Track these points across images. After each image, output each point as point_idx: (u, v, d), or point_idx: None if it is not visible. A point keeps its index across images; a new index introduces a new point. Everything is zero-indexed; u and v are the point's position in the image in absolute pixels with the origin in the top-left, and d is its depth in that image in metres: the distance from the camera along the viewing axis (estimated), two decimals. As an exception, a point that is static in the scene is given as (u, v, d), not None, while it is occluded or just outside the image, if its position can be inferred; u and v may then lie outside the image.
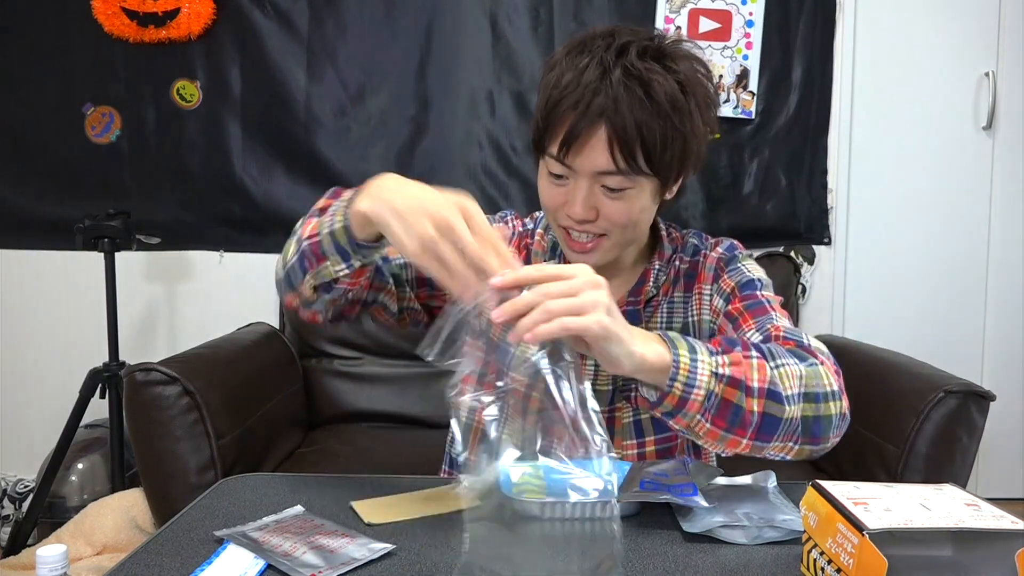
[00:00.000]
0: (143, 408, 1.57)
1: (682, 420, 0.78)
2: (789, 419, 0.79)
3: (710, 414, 0.77)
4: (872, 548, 0.53)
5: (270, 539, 0.69)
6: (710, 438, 0.79)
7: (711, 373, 0.77)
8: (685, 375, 0.76)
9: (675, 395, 0.76)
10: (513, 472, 0.76)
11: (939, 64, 2.45)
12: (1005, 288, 2.51)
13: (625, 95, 0.89)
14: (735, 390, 0.77)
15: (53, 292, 2.41)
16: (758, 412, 0.78)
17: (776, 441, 0.80)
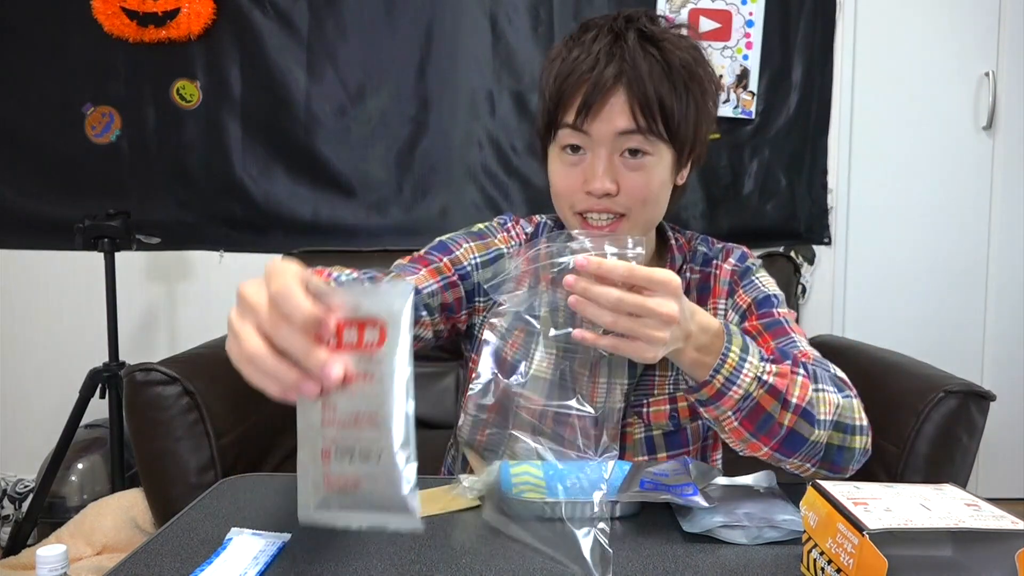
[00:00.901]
0: (143, 408, 1.57)
1: (713, 411, 0.79)
2: (815, 441, 0.81)
3: (741, 414, 0.78)
4: (872, 548, 0.53)
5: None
6: (734, 436, 0.81)
7: (755, 377, 0.78)
8: (729, 371, 0.77)
9: (714, 387, 0.77)
10: (513, 471, 0.76)
11: (939, 64, 2.45)
12: (1005, 288, 2.51)
13: (643, 58, 0.88)
14: (773, 399, 0.78)
15: (53, 292, 2.41)
16: (787, 426, 0.79)
17: (796, 458, 0.82)
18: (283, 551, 0.69)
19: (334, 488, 0.51)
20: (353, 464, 0.50)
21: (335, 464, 0.51)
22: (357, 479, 0.50)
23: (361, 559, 0.67)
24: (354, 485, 0.50)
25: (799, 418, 0.79)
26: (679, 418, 1.01)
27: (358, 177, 2.39)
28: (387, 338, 0.51)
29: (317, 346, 0.51)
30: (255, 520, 0.76)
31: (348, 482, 0.50)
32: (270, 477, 0.92)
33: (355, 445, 0.50)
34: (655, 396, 1.01)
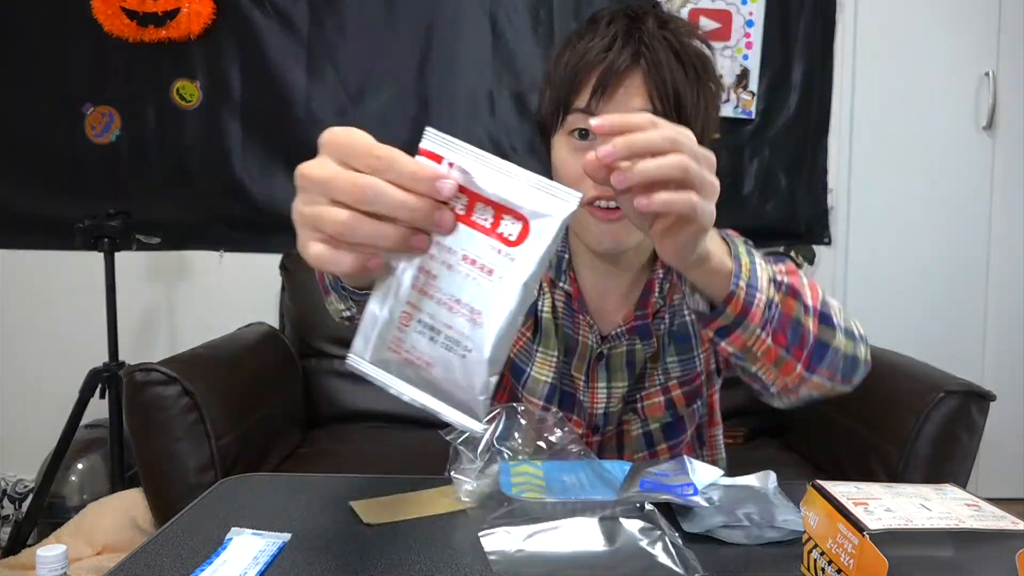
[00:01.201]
0: (143, 408, 1.57)
1: (740, 336, 0.68)
2: (836, 347, 0.74)
3: (771, 327, 0.69)
4: (872, 548, 0.53)
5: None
6: (768, 359, 0.70)
7: (770, 279, 0.69)
8: (747, 275, 0.67)
9: (739, 299, 0.67)
10: (513, 472, 0.76)
11: (939, 64, 2.45)
12: (1005, 288, 2.51)
13: (660, 43, 0.85)
14: (794, 301, 0.70)
15: (53, 292, 2.41)
16: (814, 333, 0.71)
17: (823, 371, 0.74)
18: (283, 551, 0.69)
19: (400, 355, 0.47)
20: (433, 346, 0.46)
21: (413, 335, 0.46)
22: (431, 361, 0.46)
23: (361, 559, 0.67)
24: (425, 365, 0.46)
25: (820, 323, 0.72)
26: (676, 407, 1.00)
27: (358, 177, 2.39)
28: (528, 240, 0.45)
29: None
30: (255, 520, 0.76)
31: (420, 359, 0.46)
32: (270, 477, 0.92)
33: (444, 330, 0.46)
34: (648, 390, 1.00)
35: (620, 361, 0.99)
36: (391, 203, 0.46)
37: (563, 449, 0.80)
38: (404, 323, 0.46)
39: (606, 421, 1.01)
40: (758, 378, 0.74)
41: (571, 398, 1.01)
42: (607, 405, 1.00)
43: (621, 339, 0.98)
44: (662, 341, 0.99)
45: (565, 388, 1.01)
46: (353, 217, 0.47)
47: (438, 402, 0.47)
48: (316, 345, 2.21)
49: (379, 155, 0.47)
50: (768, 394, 0.77)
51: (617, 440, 1.03)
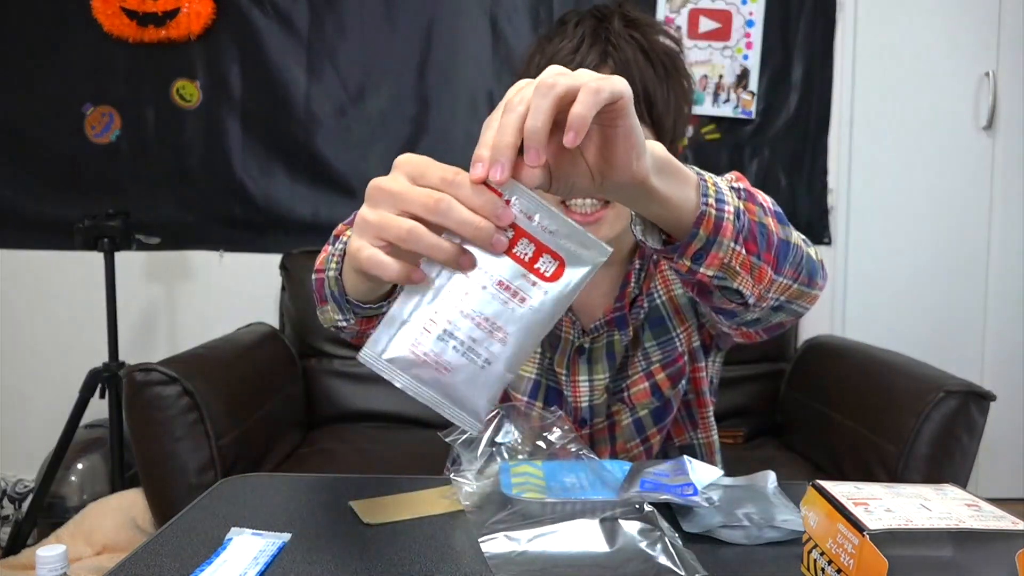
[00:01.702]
0: (143, 408, 1.57)
1: (716, 255, 0.65)
2: (795, 245, 0.72)
3: (742, 236, 0.65)
4: (872, 548, 0.53)
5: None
6: (744, 271, 0.67)
7: (730, 188, 0.67)
8: (713, 189, 0.64)
9: (710, 216, 0.63)
10: (513, 472, 0.76)
11: (939, 64, 2.45)
12: (1005, 288, 2.51)
13: (627, 43, 0.86)
14: (754, 205, 0.68)
15: (53, 292, 2.41)
16: (775, 233, 0.69)
17: (786, 272, 0.71)
18: (283, 551, 0.69)
19: (418, 356, 0.51)
20: (455, 354, 0.50)
21: (436, 341, 0.51)
22: (451, 367, 0.51)
23: (361, 559, 0.67)
24: (444, 368, 0.51)
25: (776, 221, 0.69)
26: (662, 391, 1.01)
27: (358, 177, 2.39)
28: (561, 278, 0.51)
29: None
30: (255, 520, 0.76)
31: (439, 363, 0.51)
32: (270, 477, 0.92)
33: (467, 341, 0.50)
34: (631, 378, 1.01)
35: (601, 353, 1.01)
36: (459, 218, 0.50)
37: (563, 449, 0.80)
38: (428, 329, 0.51)
39: (592, 414, 1.03)
40: (737, 292, 0.70)
41: (557, 393, 1.02)
42: (590, 398, 1.02)
43: (601, 332, 1.00)
44: (640, 328, 1.01)
45: (550, 384, 1.02)
46: (418, 227, 0.51)
47: (447, 404, 0.51)
48: (316, 345, 2.22)
49: (454, 175, 0.52)
50: (743, 310, 0.73)
51: (609, 431, 1.03)
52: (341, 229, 0.84)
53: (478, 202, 0.50)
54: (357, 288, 0.71)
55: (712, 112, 2.39)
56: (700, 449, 1.08)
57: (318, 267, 0.82)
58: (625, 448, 1.03)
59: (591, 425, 1.03)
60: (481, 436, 0.77)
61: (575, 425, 1.02)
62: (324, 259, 0.81)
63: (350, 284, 0.72)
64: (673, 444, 1.06)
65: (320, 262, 0.81)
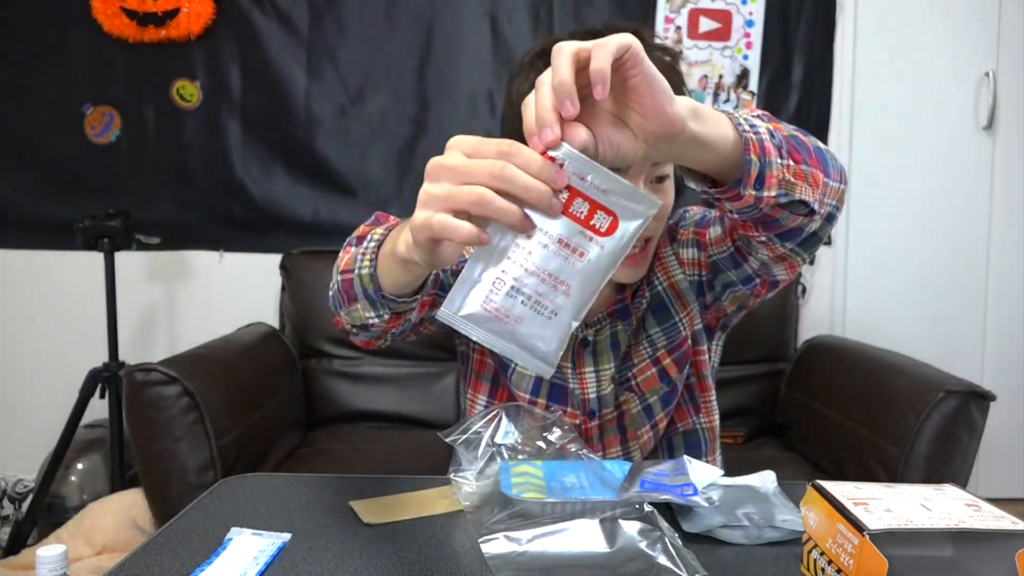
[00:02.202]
0: (143, 408, 1.57)
1: (773, 174, 0.68)
2: (826, 150, 0.76)
3: (784, 150, 0.70)
4: (872, 548, 0.53)
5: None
6: (800, 179, 0.71)
7: (754, 116, 0.71)
8: (744, 119, 0.68)
9: (753, 140, 0.67)
10: (513, 472, 0.76)
11: (939, 64, 2.45)
12: (1005, 288, 2.51)
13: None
14: (778, 124, 0.72)
15: (53, 292, 2.41)
16: (807, 142, 0.73)
17: (832, 175, 0.76)
18: (283, 551, 0.69)
19: (489, 311, 0.55)
20: (524, 307, 0.55)
21: (505, 297, 0.55)
22: (520, 317, 0.55)
23: (361, 559, 0.67)
24: (515, 320, 0.55)
25: (801, 133, 0.74)
26: (669, 375, 1.03)
27: (358, 177, 2.39)
28: (616, 232, 0.55)
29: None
30: (255, 520, 0.76)
31: (511, 315, 0.55)
32: (270, 477, 0.92)
33: (534, 295, 0.55)
34: (638, 365, 1.03)
35: (605, 344, 1.03)
36: (522, 183, 0.54)
37: (563, 449, 0.80)
38: (498, 288, 0.55)
39: (600, 404, 1.04)
40: (802, 203, 0.73)
41: (560, 389, 1.03)
42: (598, 388, 1.03)
43: (604, 324, 1.02)
44: (642, 317, 1.03)
45: (554, 380, 1.03)
46: (488, 192, 0.54)
47: (517, 350, 0.56)
48: (316, 345, 2.22)
49: (509, 146, 0.55)
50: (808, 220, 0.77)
51: (618, 421, 1.04)
52: (365, 230, 0.85)
53: (535, 168, 0.54)
54: (397, 281, 0.74)
55: (712, 112, 2.39)
56: (703, 434, 1.08)
57: (344, 268, 0.82)
58: (636, 436, 1.04)
59: (600, 416, 1.04)
60: (481, 436, 0.77)
61: (584, 418, 1.03)
62: (350, 259, 0.81)
63: (388, 278, 0.75)
64: (677, 429, 1.07)
65: (346, 263, 0.82)
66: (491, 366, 1.07)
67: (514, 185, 0.54)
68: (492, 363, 1.06)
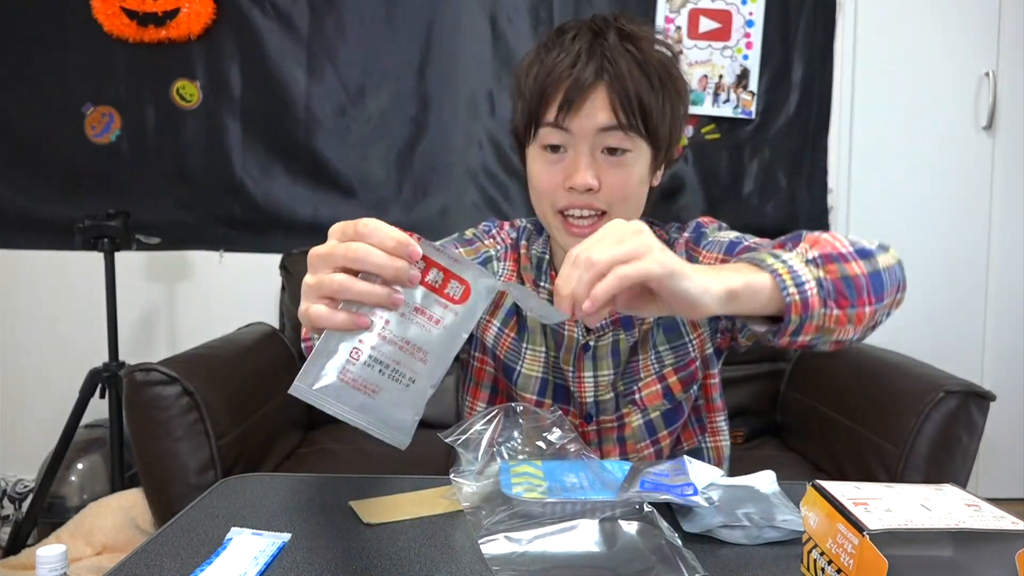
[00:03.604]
0: (143, 408, 1.57)
1: (811, 325, 0.73)
2: (887, 268, 0.79)
3: (831, 300, 0.73)
4: (872, 549, 0.53)
5: None
6: (840, 325, 0.75)
7: (804, 261, 0.73)
8: (787, 275, 0.71)
9: (796, 302, 0.71)
10: (513, 472, 0.76)
11: (939, 64, 2.45)
12: (1005, 288, 2.51)
13: (622, 56, 0.89)
14: (833, 265, 0.75)
15: (53, 292, 2.41)
16: (863, 272, 0.76)
17: (890, 295, 0.79)
18: (283, 551, 0.69)
19: (347, 382, 0.55)
20: (381, 376, 0.56)
21: (362, 367, 0.56)
22: (378, 388, 0.56)
23: (361, 559, 0.67)
24: (372, 391, 0.56)
25: (861, 259, 0.76)
26: (673, 393, 1.03)
27: (358, 177, 2.39)
28: (468, 301, 0.58)
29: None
30: (255, 520, 0.76)
31: (368, 386, 0.56)
32: (270, 477, 0.92)
33: (391, 364, 0.56)
34: (644, 380, 1.02)
35: (606, 351, 1.02)
36: (375, 262, 0.56)
37: (563, 449, 0.80)
38: (355, 357, 0.55)
39: (598, 410, 1.04)
40: (839, 342, 0.78)
41: (564, 390, 1.04)
42: (595, 393, 1.03)
43: (606, 331, 1.02)
44: (650, 331, 1.02)
45: (557, 381, 1.03)
46: (348, 279, 0.57)
47: (376, 423, 0.56)
48: (316, 345, 2.21)
49: (364, 225, 0.58)
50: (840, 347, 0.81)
51: (619, 432, 1.04)
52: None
53: (391, 245, 0.56)
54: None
55: (712, 112, 2.39)
56: (708, 453, 1.09)
57: (304, 336, 0.86)
58: (635, 449, 1.03)
59: (598, 421, 1.04)
60: (481, 436, 0.77)
61: (581, 421, 1.04)
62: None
63: None
64: (682, 448, 1.07)
65: (305, 332, 0.87)
66: (491, 373, 1.07)
67: (368, 264, 0.56)
68: (492, 370, 1.07)
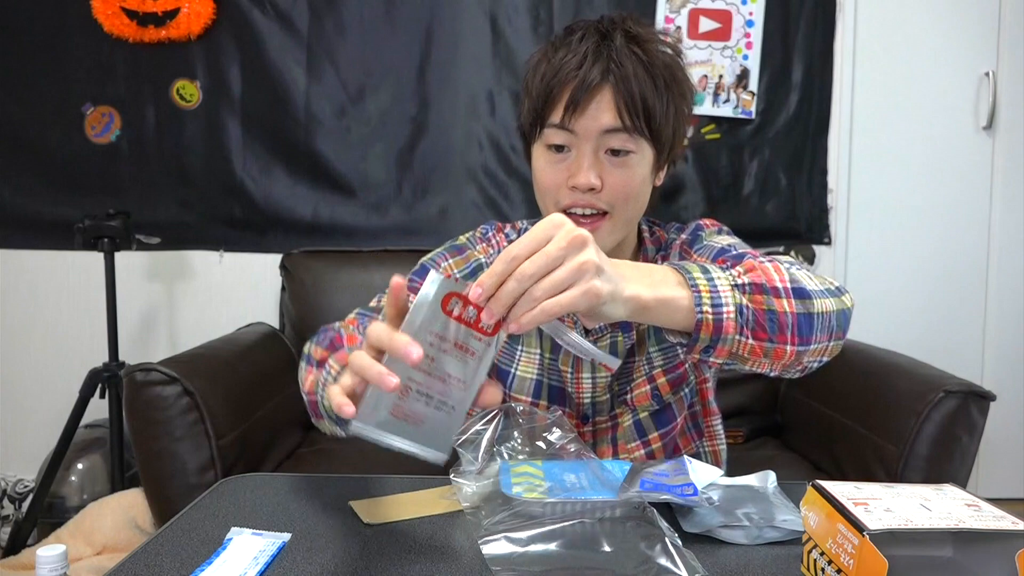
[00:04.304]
0: (143, 408, 1.57)
1: (723, 348, 0.73)
2: (821, 313, 0.77)
3: (748, 329, 0.73)
4: (872, 548, 0.53)
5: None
6: (755, 356, 0.75)
7: (731, 285, 0.73)
8: (708, 295, 0.72)
9: (708, 321, 0.71)
10: (513, 472, 0.76)
11: (939, 64, 2.45)
12: (1005, 288, 2.51)
13: (628, 58, 0.90)
14: (761, 295, 0.74)
15: (53, 292, 2.41)
16: (792, 312, 0.75)
17: (817, 341, 0.78)
18: (283, 551, 0.69)
19: (400, 416, 0.61)
20: (427, 408, 0.61)
21: (411, 401, 0.61)
22: (424, 417, 0.61)
23: (361, 559, 0.67)
24: (420, 420, 0.61)
25: (795, 299, 0.75)
26: (661, 395, 1.04)
27: (358, 177, 2.39)
28: (498, 332, 0.63)
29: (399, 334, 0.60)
30: (255, 520, 0.76)
31: (416, 416, 0.61)
32: (270, 477, 0.92)
33: (435, 395, 0.61)
34: (635, 380, 1.04)
35: (604, 352, 1.01)
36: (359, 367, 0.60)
37: (563, 449, 0.80)
38: (404, 393, 0.61)
39: (594, 411, 1.05)
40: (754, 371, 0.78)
41: (559, 391, 1.04)
42: (593, 394, 1.04)
43: (605, 332, 1.03)
44: (645, 332, 1.03)
45: (552, 383, 1.04)
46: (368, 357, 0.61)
47: (419, 447, 0.62)
48: (316, 345, 2.21)
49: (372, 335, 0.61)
50: (769, 376, 0.81)
51: (611, 431, 1.05)
52: (322, 354, 0.90)
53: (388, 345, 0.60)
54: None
55: (712, 112, 2.39)
56: (706, 458, 1.11)
57: (308, 390, 0.88)
58: (626, 448, 1.04)
59: (593, 422, 1.05)
60: (481, 436, 0.77)
61: (578, 422, 1.04)
62: (313, 383, 0.87)
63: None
64: (680, 453, 1.07)
65: (309, 385, 0.88)
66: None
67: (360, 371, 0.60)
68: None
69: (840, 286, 0.83)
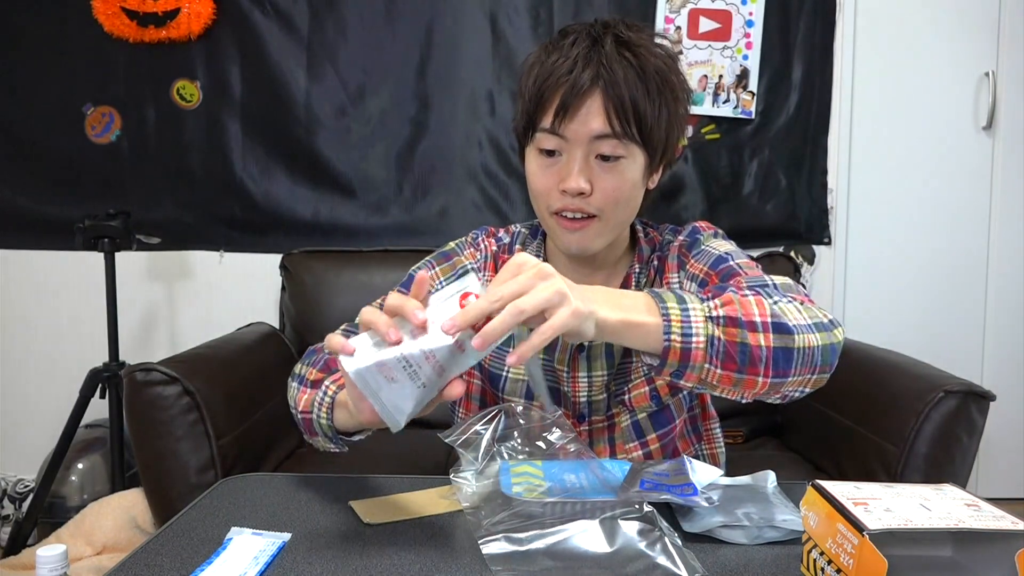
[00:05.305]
0: (143, 408, 1.57)
1: (692, 374, 0.75)
2: (802, 348, 0.77)
3: (718, 359, 0.75)
4: (872, 548, 0.53)
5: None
6: (725, 384, 0.77)
7: (706, 318, 0.75)
8: (679, 324, 0.74)
9: (675, 348, 0.74)
10: (513, 472, 0.76)
11: (939, 64, 2.45)
12: (1005, 288, 2.51)
13: (619, 63, 0.90)
14: (735, 329, 0.75)
15: (53, 292, 2.41)
16: (767, 346, 0.76)
17: (795, 375, 0.78)
18: (283, 551, 0.69)
19: (383, 369, 0.66)
20: (404, 373, 0.66)
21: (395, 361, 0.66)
22: (396, 378, 0.67)
23: (361, 559, 0.68)
24: (392, 379, 0.67)
25: (774, 334, 0.76)
26: (660, 396, 1.04)
27: (358, 177, 2.39)
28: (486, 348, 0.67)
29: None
30: (255, 520, 0.76)
31: (392, 375, 0.66)
32: (270, 477, 0.92)
33: (416, 368, 0.66)
34: (633, 381, 1.04)
35: (600, 351, 1.03)
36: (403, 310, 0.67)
37: (562, 449, 0.80)
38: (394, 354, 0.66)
39: (590, 410, 1.05)
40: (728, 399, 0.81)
41: (554, 391, 1.04)
42: (589, 393, 1.04)
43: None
44: None
45: (548, 383, 1.04)
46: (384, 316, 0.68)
47: (382, 405, 0.67)
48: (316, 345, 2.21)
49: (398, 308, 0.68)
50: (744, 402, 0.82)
51: (608, 432, 1.05)
52: (318, 376, 0.93)
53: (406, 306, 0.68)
54: (347, 425, 0.85)
55: (712, 112, 2.39)
56: (704, 461, 1.10)
57: (302, 408, 0.90)
58: (624, 449, 1.04)
59: (590, 421, 1.05)
60: (481, 436, 0.77)
61: (574, 421, 1.04)
62: (307, 402, 0.89)
63: (340, 423, 0.85)
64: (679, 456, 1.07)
65: (304, 404, 0.90)
66: (479, 386, 1.09)
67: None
68: (479, 382, 1.08)
69: (833, 319, 0.83)
